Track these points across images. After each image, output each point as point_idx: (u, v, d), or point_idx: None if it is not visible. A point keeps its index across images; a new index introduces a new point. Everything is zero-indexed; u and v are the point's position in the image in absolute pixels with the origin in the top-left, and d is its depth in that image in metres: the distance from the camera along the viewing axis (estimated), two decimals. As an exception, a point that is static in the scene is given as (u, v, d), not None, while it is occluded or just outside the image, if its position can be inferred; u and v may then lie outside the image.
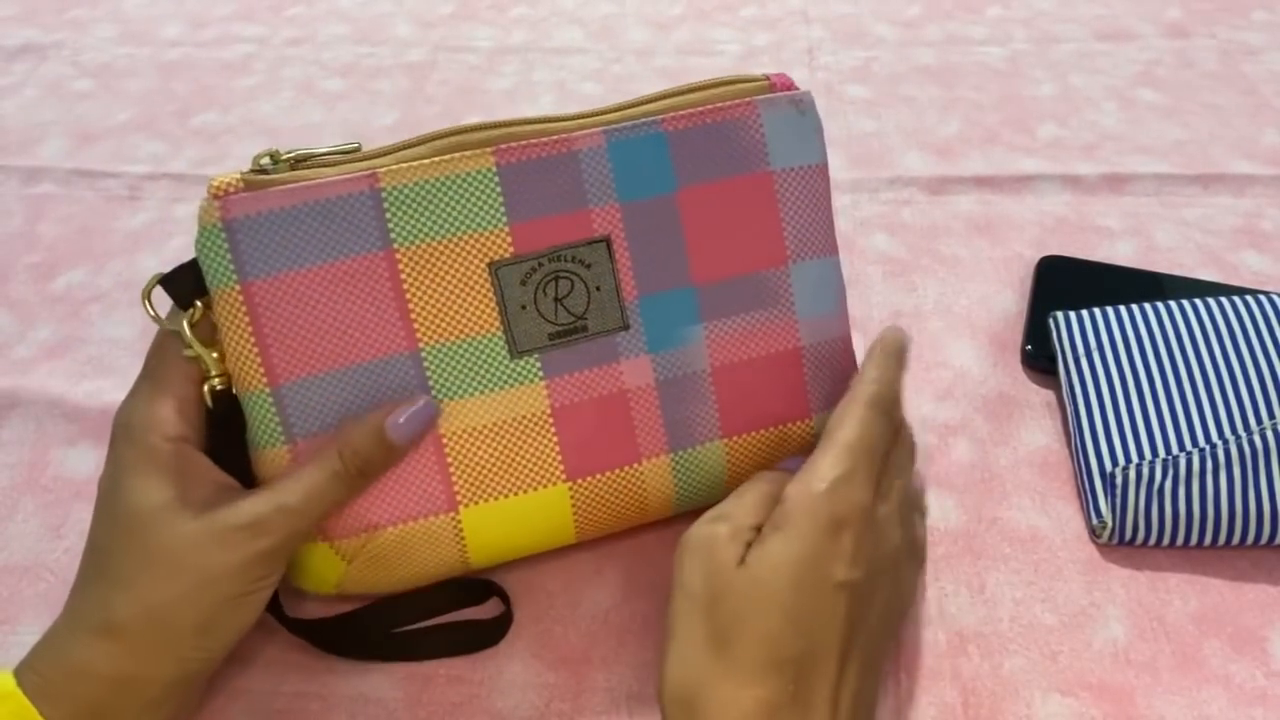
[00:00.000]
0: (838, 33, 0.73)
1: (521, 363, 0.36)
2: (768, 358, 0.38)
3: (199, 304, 0.34)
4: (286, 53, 0.73)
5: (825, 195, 0.39)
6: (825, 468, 0.33)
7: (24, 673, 0.31)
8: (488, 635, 0.38)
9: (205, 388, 0.34)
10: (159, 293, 0.34)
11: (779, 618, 0.30)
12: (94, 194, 0.61)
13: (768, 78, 0.38)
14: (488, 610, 0.39)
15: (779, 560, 0.31)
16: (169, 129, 0.66)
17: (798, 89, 0.38)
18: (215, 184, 0.34)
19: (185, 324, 0.34)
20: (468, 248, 0.35)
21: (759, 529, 0.33)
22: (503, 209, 0.35)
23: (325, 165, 0.35)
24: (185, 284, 0.34)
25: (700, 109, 0.37)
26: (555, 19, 0.76)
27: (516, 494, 0.37)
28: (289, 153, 0.35)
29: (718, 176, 0.37)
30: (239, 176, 0.34)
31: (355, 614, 0.38)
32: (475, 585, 0.39)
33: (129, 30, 0.76)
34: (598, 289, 0.36)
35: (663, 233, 0.37)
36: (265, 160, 0.34)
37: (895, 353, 0.37)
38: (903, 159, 0.61)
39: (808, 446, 0.40)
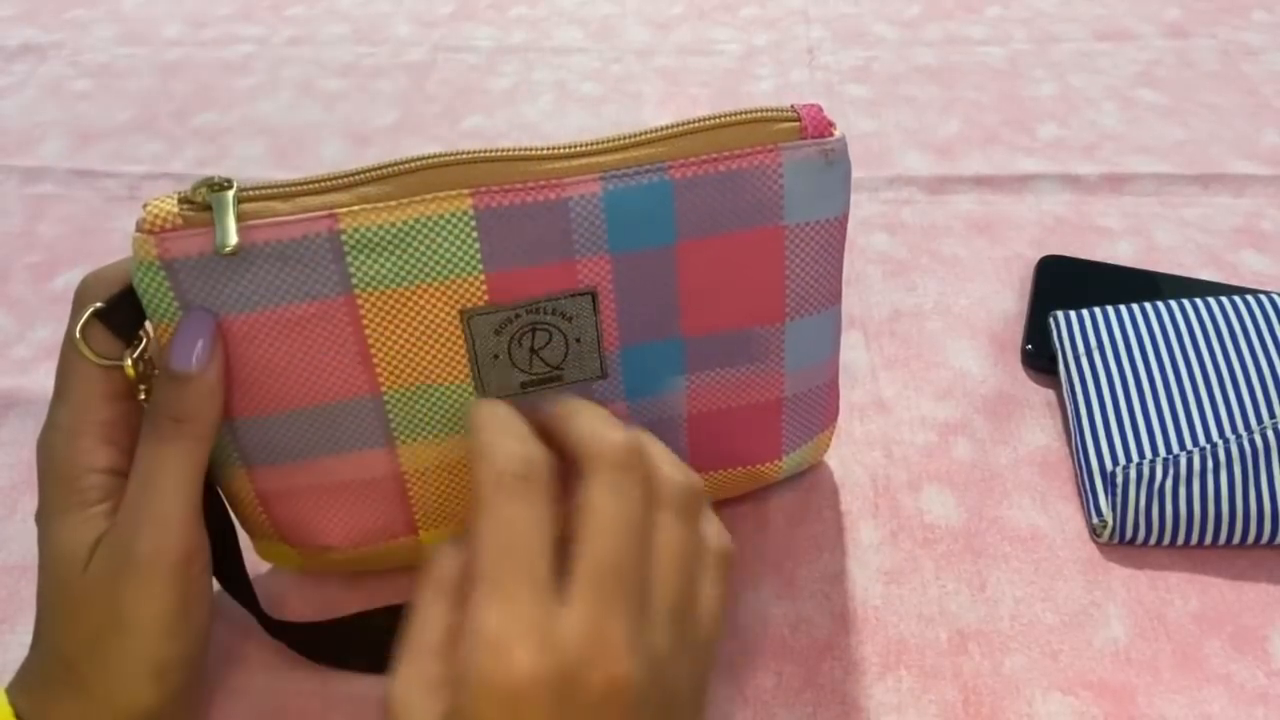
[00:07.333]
0: (838, 33, 0.73)
1: None
2: (748, 407, 0.37)
3: (143, 333, 0.31)
4: (286, 53, 0.73)
5: (838, 247, 0.35)
6: (572, 627, 0.25)
7: (15, 695, 0.31)
8: None
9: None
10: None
11: None
12: (94, 194, 0.61)
13: (799, 116, 0.32)
14: None
15: None
16: (169, 129, 0.66)
17: (832, 129, 0.32)
18: (149, 214, 0.29)
19: (128, 359, 0.31)
20: (438, 295, 0.32)
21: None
22: (478, 256, 0.31)
23: (275, 199, 0.30)
24: (125, 315, 0.31)
25: (714, 155, 0.31)
26: (555, 19, 0.76)
27: None
28: (232, 187, 0.30)
29: (724, 230, 0.33)
30: (176, 208, 0.29)
31: (346, 625, 0.38)
32: None
33: (129, 30, 0.76)
34: (578, 340, 0.33)
35: (655, 285, 0.33)
36: (204, 192, 0.29)
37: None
38: (903, 159, 0.61)
39: (773, 483, 0.41)
